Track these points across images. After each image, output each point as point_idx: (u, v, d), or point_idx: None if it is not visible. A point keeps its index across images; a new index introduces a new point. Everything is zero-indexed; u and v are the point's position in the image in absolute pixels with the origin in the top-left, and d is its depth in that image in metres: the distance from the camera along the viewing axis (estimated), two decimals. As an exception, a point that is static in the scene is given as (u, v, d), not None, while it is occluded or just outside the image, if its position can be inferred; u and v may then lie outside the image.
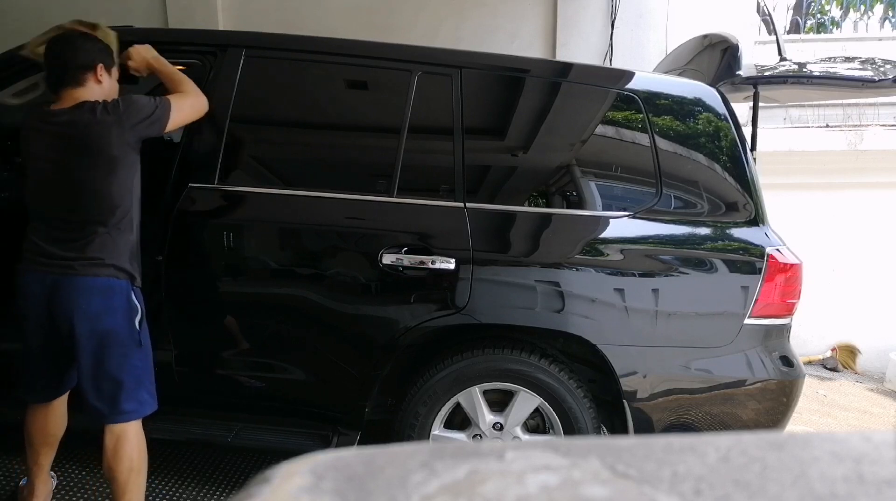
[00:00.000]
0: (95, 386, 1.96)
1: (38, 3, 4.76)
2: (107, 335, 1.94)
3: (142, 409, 2.02)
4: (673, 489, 0.39)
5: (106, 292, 1.95)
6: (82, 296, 1.92)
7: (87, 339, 1.93)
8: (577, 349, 2.41)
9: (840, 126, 4.76)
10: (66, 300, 1.92)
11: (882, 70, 2.54)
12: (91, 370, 1.95)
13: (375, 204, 2.32)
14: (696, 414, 2.33)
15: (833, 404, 4.19)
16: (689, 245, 2.33)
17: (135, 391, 1.99)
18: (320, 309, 2.30)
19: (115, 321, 1.96)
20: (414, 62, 2.37)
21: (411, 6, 4.76)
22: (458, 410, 2.34)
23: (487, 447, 0.44)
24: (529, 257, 2.31)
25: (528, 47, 4.66)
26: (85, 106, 1.92)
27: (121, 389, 1.96)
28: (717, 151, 2.39)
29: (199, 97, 2.17)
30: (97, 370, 1.95)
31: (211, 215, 2.33)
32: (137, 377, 2.00)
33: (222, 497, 2.47)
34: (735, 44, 2.49)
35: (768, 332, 2.32)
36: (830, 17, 5.93)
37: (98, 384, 1.96)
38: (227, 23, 4.73)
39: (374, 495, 0.38)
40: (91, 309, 1.93)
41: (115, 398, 1.96)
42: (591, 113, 2.42)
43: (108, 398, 1.96)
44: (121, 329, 1.96)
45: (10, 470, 2.49)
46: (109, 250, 1.95)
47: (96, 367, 1.95)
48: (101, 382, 1.96)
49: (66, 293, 1.92)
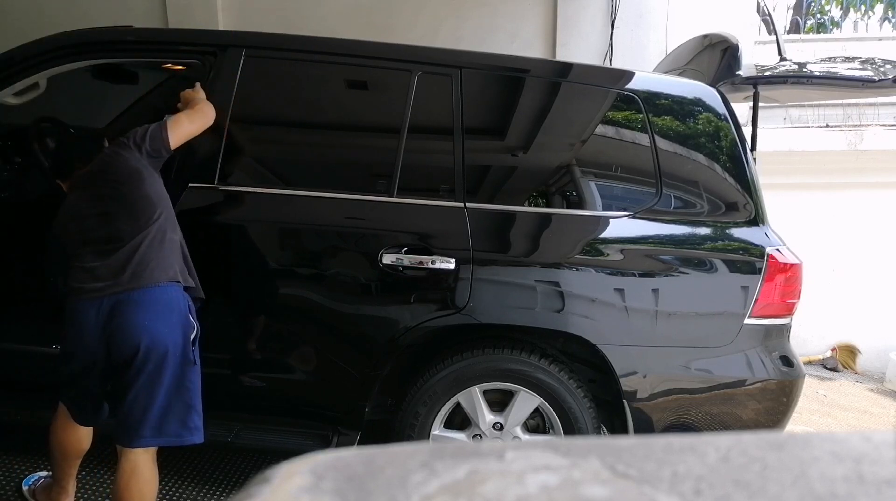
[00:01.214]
0: (144, 407, 1.89)
1: (38, 3, 4.76)
2: (166, 348, 1.90)
3: (187, 434, 1.95)
4: (673, 489, 0.39)
5: (166, 301, 1.93)
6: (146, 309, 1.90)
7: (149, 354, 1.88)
8: (577, 349, 2.41)
9: (840, 126, 4.76)
10: (131, 318, 1.88)
11: (882, 70, 2.54)
12: (145, 386, 1.89)
13: (375, 204, 2.32)
14: (696, 414, 2.33)
15: (833, 404, 4.19)
16: (689, 245, 2.33)
17: (182, 413, 1.94)
18: (320, 309, 2.30)
19: (174, 334, 1.92)
20: (414, 62, 2.37)
21: (411, 6, 4.75)
22: (458, 410, 2.34)
23: (487, 447, 0.44)
24: (529, 257, 2.31)
25: (528, 47, 4.66)
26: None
27: (171, 410, 1.91)
28: (717, 151, 2.39)
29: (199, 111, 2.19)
30: (152, 387, 1.89)
31: (211, 215, 2.33)
32: (187, 399, 1.95)
33: (222, 497, 2.47)
34: (735, 44, 2.49)
35: (768, 332, 2.32)
36: (830, 17, 5.93)
37: (149, 403, 1.89)
38: (227, 23, 4.73)
39: (374, 495, 0.38)
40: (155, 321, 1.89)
41: (163, 419, 1.91)
42: (591, 113, 2.42)
43: (156, 419, 1.90)
44: (178, 343, 1.93)
45: (10, 470, 2.49)
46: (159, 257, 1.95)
47: (150, 385, 1.89)
48: (152, 401, 1.89)
49: (130, 309, 1.89)
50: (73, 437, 2.11)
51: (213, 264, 2.36)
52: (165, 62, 3.25)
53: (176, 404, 1.93)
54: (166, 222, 2.02)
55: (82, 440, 2.13)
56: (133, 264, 1.91)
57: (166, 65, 3.43)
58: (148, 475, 1.97)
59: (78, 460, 2.18)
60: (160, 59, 2.91)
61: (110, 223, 1.97)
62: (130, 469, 1.93)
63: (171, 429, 1.93)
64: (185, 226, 2.28)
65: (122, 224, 1.96)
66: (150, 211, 1.99)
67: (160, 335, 1.90)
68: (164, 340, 1.90)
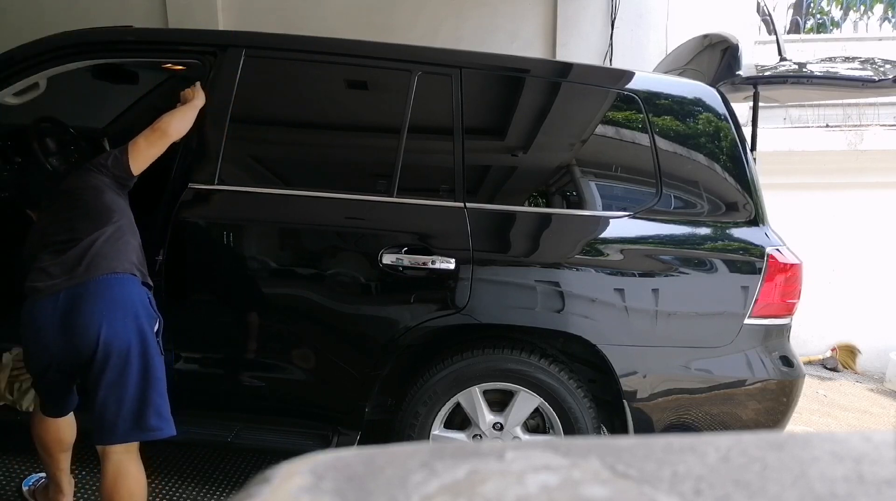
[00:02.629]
0: (118, 400, 1.86)
1: (38, 3, 4.76)
2: (128, 341, 1.88)
3: (166, 427, 1.93)
4: (673, 489, 0.39)
5: (123, 290, 1.92)
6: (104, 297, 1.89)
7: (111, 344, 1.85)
8: (577, 349, 2.41)
9: (840, 126, 4.76)
10: (88, 307, 1.87)
11: (882, 70, 2.54)
12: (115, 380, 1.86)
13: (375, 204, 2.32)
14: (696, 414, 2.33)
15: (833, 404, 4.19)
16: (689, 245, 2.33)
17: (158, 404, 1.91)
18: (320, 309, 2.30)
19: (135, 326, 1.90)
20: (414, 62, 2.37)
21: (411, 6, 4.75)
22: (458, 410, 2.34)
23: (487, 447, 0.44)
24: (529, 257, 2.31)
25: (528, 47, 4.65)
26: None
27: (145, 402, 1.88)
28: (717, 151, 2.39)
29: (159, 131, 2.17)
30: (122, 380, 1.86)
31: (211, 215, 2.33)
32: (159, 389, 1.93)
33: (222, 497, 2.47)
34: (735, 44, 2.49)
35: (768, 332, 2.32)
36: (830, 17, 5.93)
37: (120, 399, 1.86)
38: (227, 23, 4.72)
39: (374, 495, 0.38)
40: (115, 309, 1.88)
41: (140, 412, 1.88)
42: (591, 113, 2.42)
43: (133, 413, 1.87)
44: (141, 335, 1.91)
45: (10, 470, 2.49)
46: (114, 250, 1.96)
47: (118, 381, 1.86)
48: (124, 396, 1.86)
49: (87, 299, 1.88)
50: (52, 429, 2.10)
51: (213, 265, 2.36)
52: (165, 62, 3.25)
53: (149, 396, 1.90)
54: (126, 227, 2.04)
55: (62, 430, 2.11)
56: (88, 257, 1.92)
57: (166, 65, 3.43)
58: (134, 472, 1.93)
59: (64, 454, 2.15)
60: (160, 59, 2.92)
61: (69, 225, 1.99)
62: (114, 469, 1.90)
63: (149, 423, 1.90)
64: (184, 226, 2.28)
65: (80, 224, 1.98)
66: (109, 215, 2.02)
67: (119, 326, 1.87)
68: (125, 331, 1.87)
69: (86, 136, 3.28)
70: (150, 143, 2.14)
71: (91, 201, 2.03)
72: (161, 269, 2.26)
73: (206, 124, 2.31)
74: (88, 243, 1.94)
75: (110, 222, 2.00)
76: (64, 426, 2.13)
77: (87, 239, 1.95)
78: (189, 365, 2.37)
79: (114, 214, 2.03)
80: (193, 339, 2.38)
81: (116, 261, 1.94)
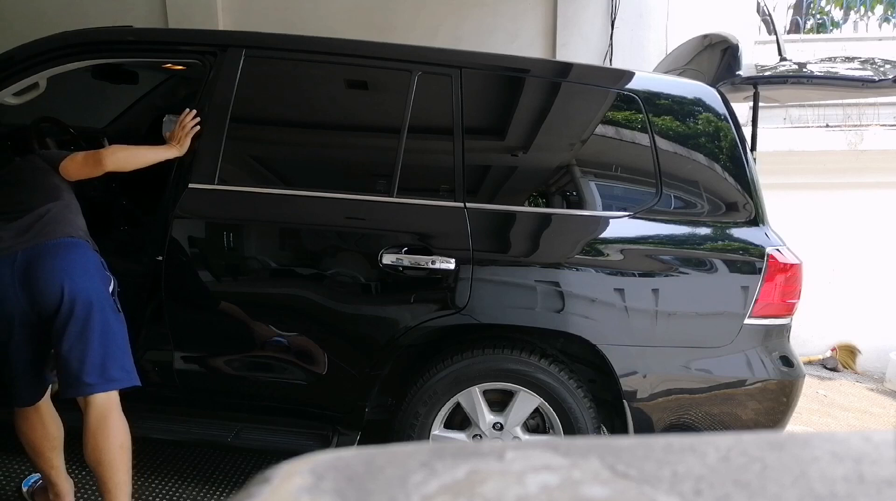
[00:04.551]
0: (81, 354, 1.92)
1: (38, 3, 4.76)
2: (90, 296, 1.94)
3: (128, 378, 1.99)
4: (673, 489, 0.39)
5: (79, 252, 2.00)
6: (62, 257, 1.96)
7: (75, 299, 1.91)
8: (577, 349, 2.41)
9: (840, 126, 4.76)
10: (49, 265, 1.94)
11: (882, 70, 2.54)
12: (78, 334, 1.91)
13: (375, 204, 2.32)
14: (696, 414, 2.33)
15: (833, 404, 4.19)
16: (689, 245, 2.33)
17: (120, 358, 1.98)
18: (320, 309, 2.30)
19: (95, 283, 1.98)
20: (414, 62, 2.37)
21: (411, 6, 4.75)
22: (458, 410, 2.34)
23: (487, 447, 0.44)
24: (529, 257, 2.31)
25: (528, 47, 4.65)
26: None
27: (108, 355, 1.94)
28: (717, 151, 2.39)
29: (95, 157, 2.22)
30: (84, 334, 1.92)
31: (211, 215, 2.33)
32: (120, 344, 2.00)
33: (222, 497, 2.47)
34: (735, 44, 2.49)
35: (768, 332, 2.32)
36: (830, 17, 5.93)
37: (84, 349, 1.92)
38: (227, 23, 4.73)
39: (374, 495, 0.38)
40: (73, 267, 1.95)
41: (104, 365, 1.93)
42: (591, 113, 2.42)
43: (97, 365, 1.92)
44: (101, 292, 1.98)
45: (10, 470, 2.49)
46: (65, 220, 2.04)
47: (82, 332, 1.92)
48: (88, 348, 1.92)
49: (46, 259, 1.94)
50: (38, 424, 2.08)
51: (213, 265, 2.36)
52: (165, 62, 3.26)
53: (111, 349, 1.96)
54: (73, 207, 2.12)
55: (47, 424, 2.10)
56: (41, 224, 2.00)
57: (166, 65, 3.43)
58: (117, 417, 1.97)
59: (54, 452, 2.13)
60: (160, 59, 2.92)
61: (18, 198, 2.06)
62: (97, 416, 1.94)
63: (115, 374, 1.96)
64: (184, 227, 2.29)
65: (28, 196, 2.07)
66: (57, 192, 2.10)
67: (80, 280, 1.94)
68: (86, 286, 1.95)
69: (86, 136, 3.28)
70: (85, 162, 2.19)
71: (38, 179, 2.13)
72: (161, 269, 2.26)
73: (205, 124, 2.31)
74: (40, 213, 2.02)
75: (59, 199, 2.09)
76: (48, 420, 2.10)
77: (37, 209, 2.03)
78: (189, 365, 2.37)
79: (62, 192, 2.12)
80: (193, 339, 2.38)
81: (70, 227, 2.04)
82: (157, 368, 2.34)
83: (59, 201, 2.08)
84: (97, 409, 1.94)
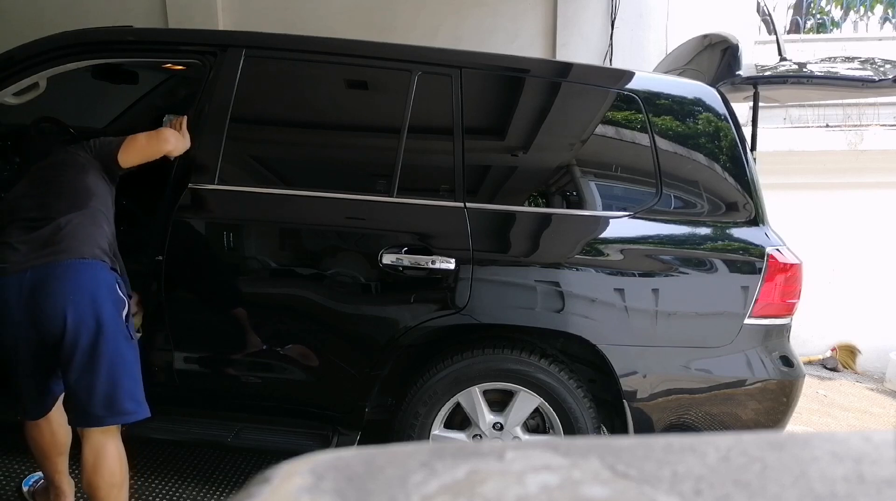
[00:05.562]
0: (88, 386, 1.85)
1: (38, 3, 4.76)
2: (98, 324, 1.85)
3: (138, 410, 1.92)
4: (673, 489, 0.39)
5: (89, 274, 1.90)
6: (70, 280, 1.86)
7: (79, 328, 1.83)
8: (577, 349, 2.41)
9: (840, 126, 4.76)
10: (54, 289, 1.85)
11: (882, 70, 2.54)
12: (84, 365, 1.84)
13: (375, 204, 2.32)
14: (696, 414, 2.33)
15: (833, 404, 4.19)
16: (689, 245, 2.33)
17: (131, 388, 1.90)
18: (320, 309, 2.30)
19: (105, 309, 1.88)
20: (414, 62, 2.37)
21: (411, 6, 4.75)
22: (458, 410, 2.34)
23: (487, 447, 0.44)
24: (529, 257, 2.31)
25: (528, 47, 4.65)
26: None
27: (117, 386, 1.87)
28: (716, 151, 2.39)
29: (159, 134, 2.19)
30: (91, 365, 1.84)
31: (211, 215, 2.33)
32: (131, 374, 1.92)
33: (222, 497, 2.47)
34: (735, 44, 2.49)
35: (768, 332, 2.32)
36: (830, 17, 5.93)
37: (92, 381, 1.85)
38: (227, 23, 4.72)
39: (374, 495, 0.38)
40: (81, 294, 1.86)
41: (112, 396, 1.86)
42: (591, 113, 2.42)
43: (105, 396, 1.85)
44: (111, 318, 1.88)
45: (10, 470, 2.49)
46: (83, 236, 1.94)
47: (89, 362, 1.84)
48: (95, 379, 1.84)
49: (52, 282, 1.85)
50: (47, 432, 2.07)
51: (213, 265, 2.36)
52: (165, 62, 3.26)
53: (121, 379, 1.88)
54: (101, 214, 2.01)
55: (56, 433, 2.07)
56: (59, 238, 1.90)
57: (166, 65, 3.43)
58: (113, 452, 1.92)
59: (61, 457, 2.12)
60: (160, 59, 2.92)
61: (42, 201, 1.97)
62: (94, 452, 1.89)
63: (124, 406, 1.89)
64: (184, 227, 2.28)
65: (54, 202, 1.96)
66: (86, 198, 1.99)
67: (85, 311, 1.84)
68: (93, 313, 1.85)
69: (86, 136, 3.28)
70: (149, 143, 2.14)
71: (70, 180, 2.01)
72: (161, 269, 2.26)
73: (205, 124, 2.30)
74: (60, 225, 1.92)
75: (86, 207, 1.98)
76: (57, 428, 2.08)
77: (59, 219, 1.93)
78: (189, 365, 2.37)
79: (92, 197, 2.01)
80: (193, 339, 2.38)
81: (86, 246, 1.92)
82: (157, 368, 2.34)
83: (84, 209, 1.97)
84: (92, 447, 1.89)
